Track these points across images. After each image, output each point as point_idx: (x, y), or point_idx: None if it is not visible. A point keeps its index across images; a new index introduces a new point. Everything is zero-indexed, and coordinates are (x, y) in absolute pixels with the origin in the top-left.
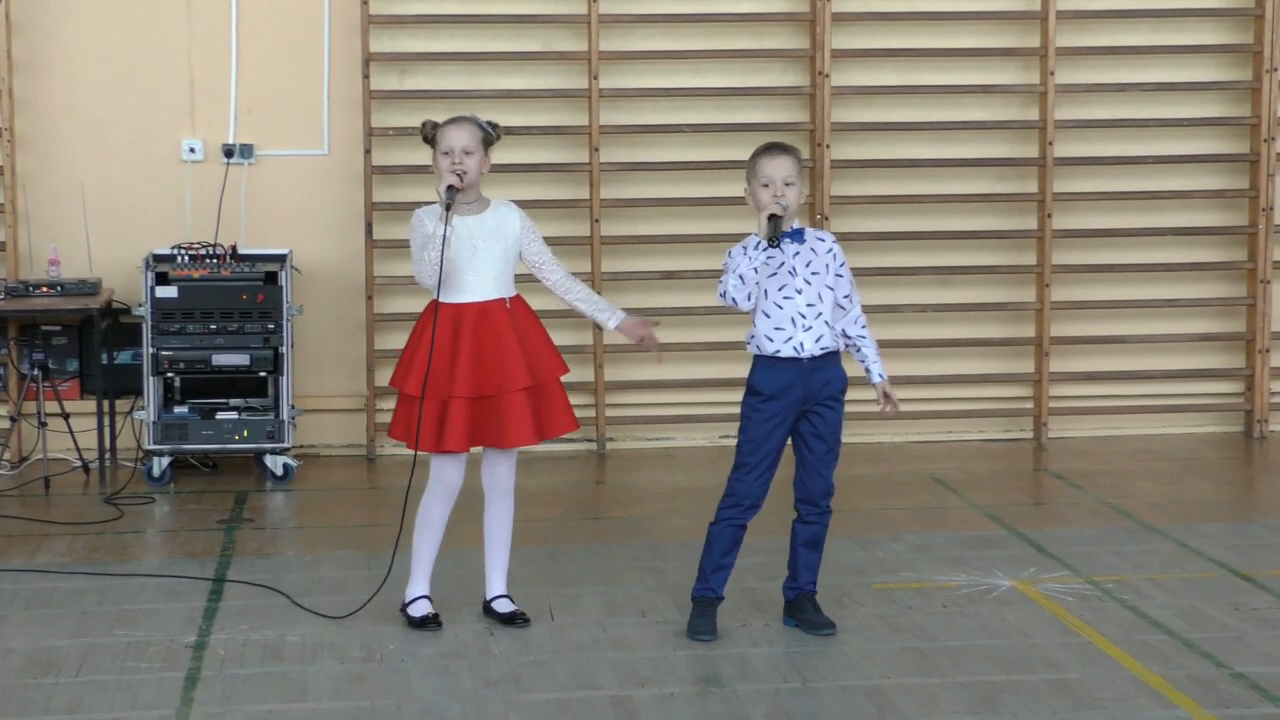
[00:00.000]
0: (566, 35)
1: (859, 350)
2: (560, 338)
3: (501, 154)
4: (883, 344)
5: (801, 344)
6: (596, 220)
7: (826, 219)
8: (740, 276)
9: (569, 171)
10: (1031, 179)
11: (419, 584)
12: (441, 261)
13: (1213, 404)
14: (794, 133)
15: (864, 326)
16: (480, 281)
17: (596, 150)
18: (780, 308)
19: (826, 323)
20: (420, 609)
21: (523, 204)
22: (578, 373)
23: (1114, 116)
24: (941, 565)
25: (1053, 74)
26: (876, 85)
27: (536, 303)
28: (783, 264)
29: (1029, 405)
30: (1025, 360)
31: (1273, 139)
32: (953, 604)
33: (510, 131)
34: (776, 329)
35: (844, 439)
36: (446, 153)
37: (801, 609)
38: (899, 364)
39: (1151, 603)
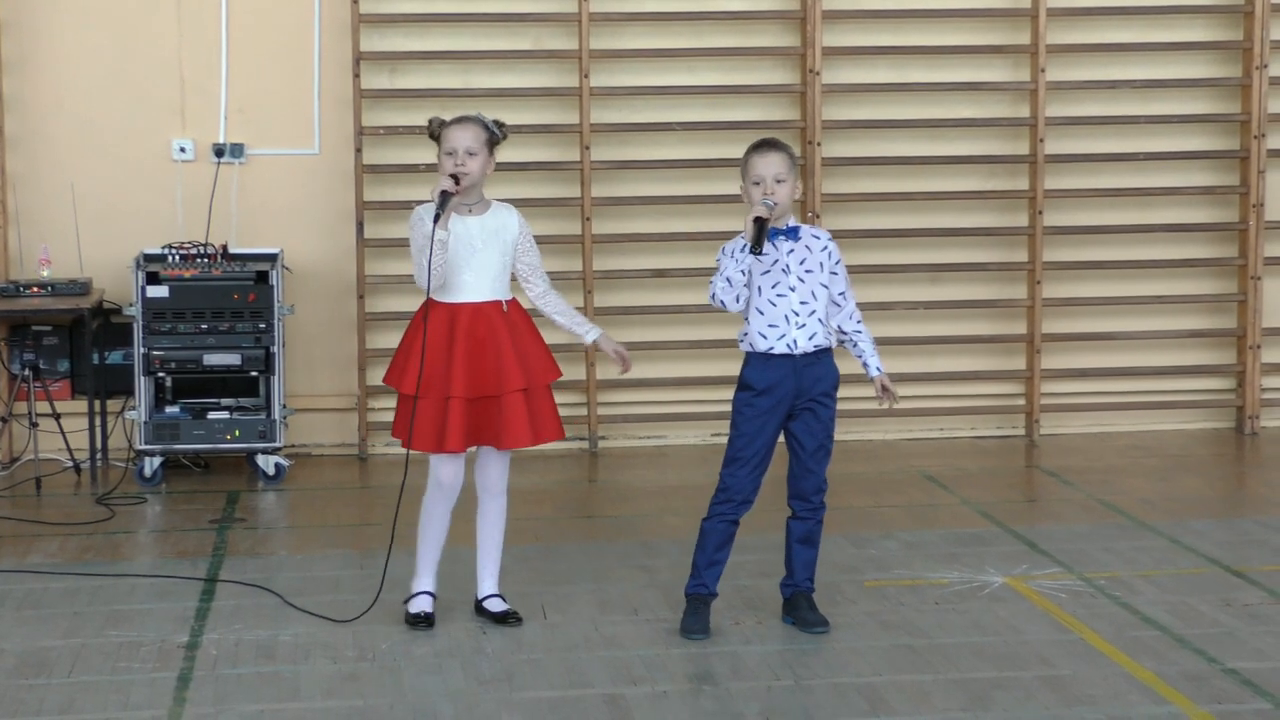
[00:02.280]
0: (557, 34)
1: (855, 345)
2: (553, 336)
3: None
4: (875, 341)
5: (795, 341)
6: (588, 218)
7: (818, 216)
8: (728, 279)
9: (560, 170)
10: (1022, 176)
11: (423, 579)
12: (430, 266)
13: (1204, 400)
14: (785, 130)
15: (859, 321)
16: (478, 282)
17: (587, 148)
18: (774, 305)
19: (820, 320)
20: (416, 605)
21: (513, 202)
22: (570, 371)
23: (1104, 113)
24: (933, 562)
25: (1043, 71)
26: (867, 83)
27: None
28: (776, 261)
29: (1020, 402)
30: (1017, 357)
31: (1263, 135)
32: (945, 601)
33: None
34: (770, 326)
35: (836, 436)
36: (450, 153)
37: (797, 606)
38: (890, 361)
39: (1143, 599)
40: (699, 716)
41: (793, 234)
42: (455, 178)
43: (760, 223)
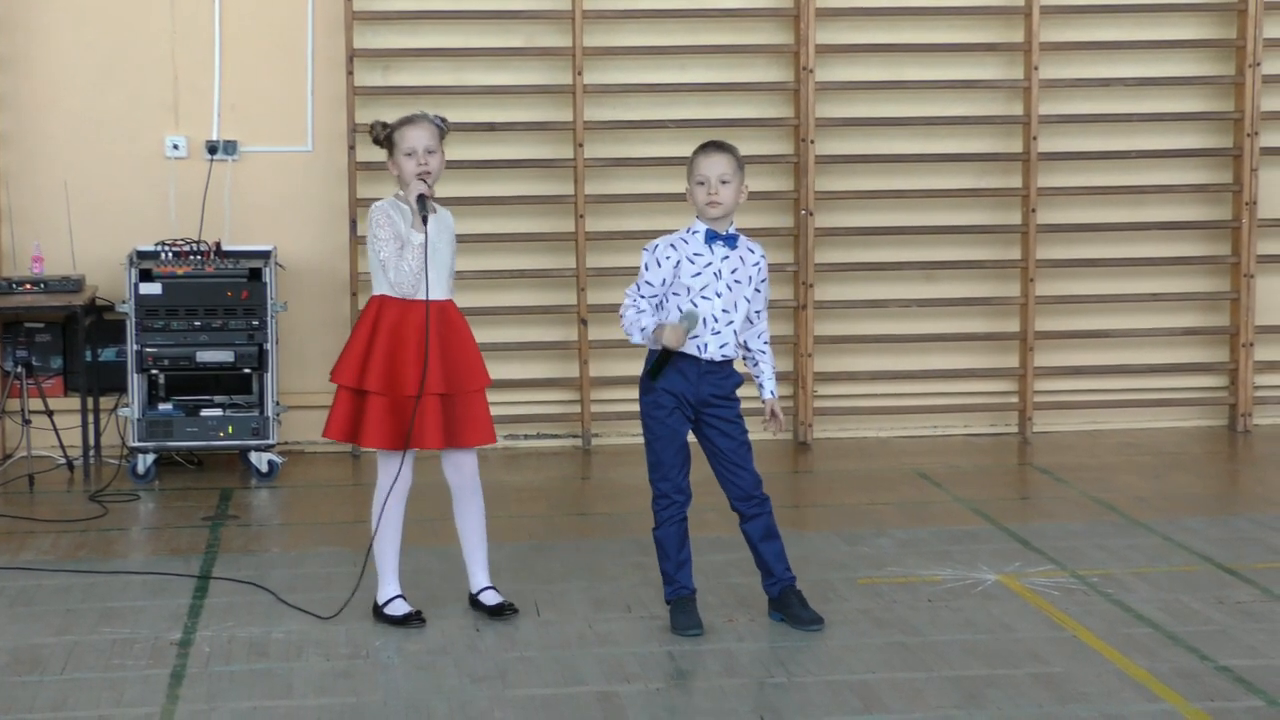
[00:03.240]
0: (551, 31)
1: (756, 364)
2: (547, 334)
3: (486, 150)
4: (868, 339)
5: (705, 345)
6: (581, 216)
7: (811, 214)
8: (641, 329)
9: (553, 167)
10: (1016, 174)
11: (392, 584)
12: (427, 270)
13: (1197, 398)
14: (778, 128)
15: (766, 342)
16: (439, 281)
17: (581, 146)
18: (695, 306)
19: (735, 332)
20: (400, 608)
21: (508, 200)
22: (563, 369)
23: (1098, 111)
24: (927, 560)
25: (1036, 69)
26: (861, 80)
27: (511, 299)
28: (709, 264)
29: (1014, 400)
30: (1010, 355)
31: (1256, 133)
32: (938, 599)
33: (494, 127)
34: None
35: (829, 434)
36: (409, 153)
37: (788, 604)
38: (884, 359)
39: (1136, 596)
40: (692, 714)
41: (730, 241)
42: (424, 180)
43: (665, 355)
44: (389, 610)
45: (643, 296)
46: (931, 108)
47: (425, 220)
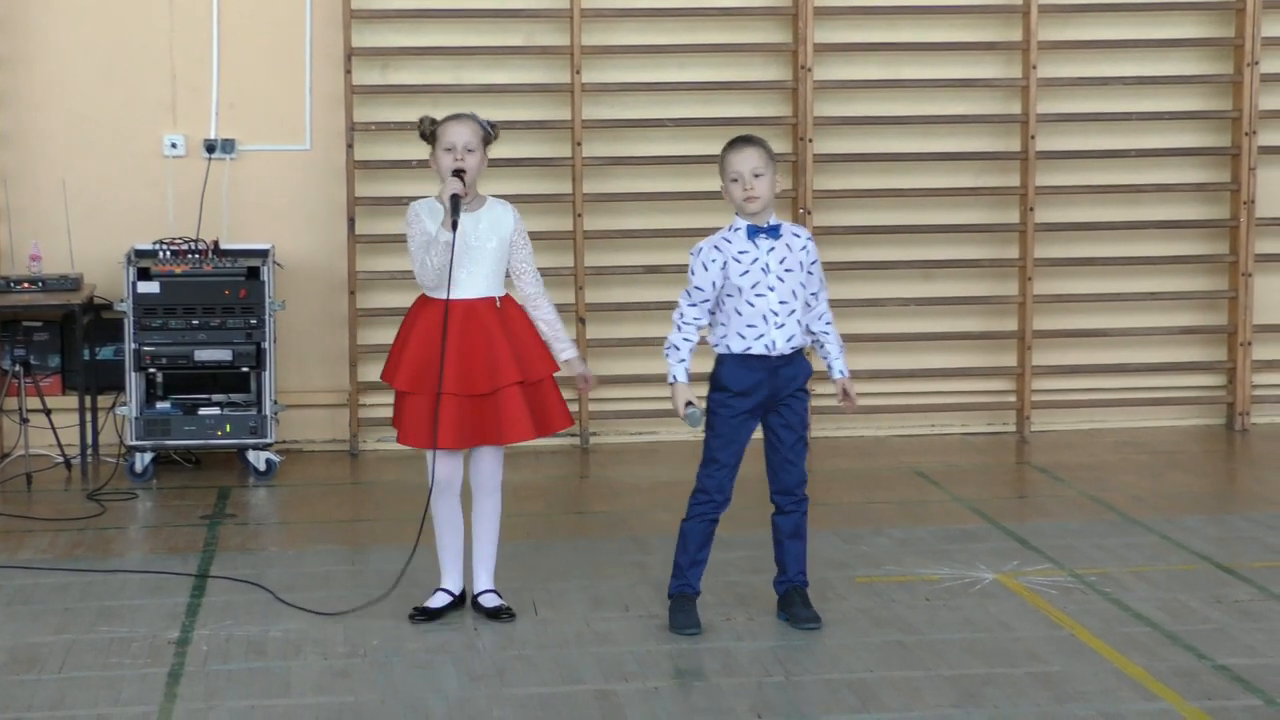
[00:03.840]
0: (549, 30)
1: (822, 346)
2: None
3: None
4: (866, 338)
5: (773, 342)
6: (579, 215)
7: (809, 213)
8: (677, 374)
9: (551, 166)
10: (1014, 173)
11: (443, 578)
12: (450, 269)
13: (1195, 397)
14: (776, 127)
15: (828, 322)
16: (471, 280)
17: (579, 145)
18: (752, 305)
19: (798, 320)
20: (435, 600)
21: (505, 198)
22: (561, 368)
23: (1096, 110)
24: (925, 559)
25: (1035, 68)
26: (859, 79)
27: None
28: (755, 260)
29: (1012, 399)
30: (1008, 354)
31: (1254, 132)
32: (936, 597)
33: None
34: (749, 326)
35: (827, 433)
36: (449, 149)
37: (790, 603)
38: (882, 358)
39: (1134, 595)
40: (690, 713)
41: (773, 232)
42: (460, 178)
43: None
44: (430, 602)
45: (694, 305)
46: (930, 106)
47: (455, 220)
